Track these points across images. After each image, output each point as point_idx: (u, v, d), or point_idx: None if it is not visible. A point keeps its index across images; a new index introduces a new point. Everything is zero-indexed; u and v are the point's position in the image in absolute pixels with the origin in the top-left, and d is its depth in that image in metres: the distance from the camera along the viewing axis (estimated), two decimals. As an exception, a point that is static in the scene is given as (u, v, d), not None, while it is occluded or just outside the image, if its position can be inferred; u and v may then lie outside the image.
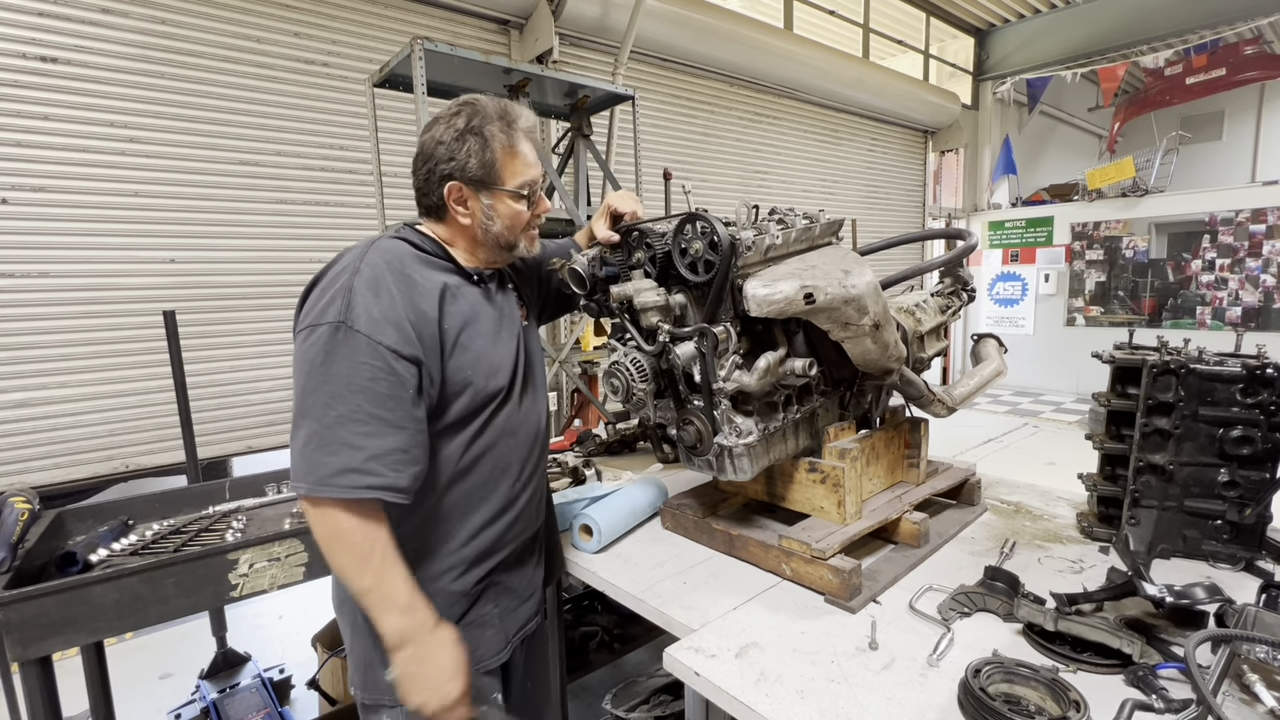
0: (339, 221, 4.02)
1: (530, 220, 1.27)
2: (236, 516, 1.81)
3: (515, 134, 1.21)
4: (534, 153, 1.25)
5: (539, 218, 1.30)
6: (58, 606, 1.29)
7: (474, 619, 1.26)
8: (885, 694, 1.05)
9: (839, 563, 1.34)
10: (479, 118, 1.18)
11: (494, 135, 1.18)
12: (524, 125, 1.23)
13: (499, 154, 1.19)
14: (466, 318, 1.20)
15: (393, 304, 1.08)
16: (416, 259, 1.19)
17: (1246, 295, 7.38)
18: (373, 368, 1.04)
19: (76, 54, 3.21)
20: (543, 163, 1.30)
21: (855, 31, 7.80)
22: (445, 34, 4.34)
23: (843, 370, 1.63)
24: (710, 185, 6.11)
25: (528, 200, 1.25)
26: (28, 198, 3.14)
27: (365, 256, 1.12)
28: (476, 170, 1.18)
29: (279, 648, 3.21)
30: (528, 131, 1.24)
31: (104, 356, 3.38)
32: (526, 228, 1.27)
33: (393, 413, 1.06)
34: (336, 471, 1.02)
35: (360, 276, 1.08)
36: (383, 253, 1.15)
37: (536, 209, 1.28)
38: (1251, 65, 8.33)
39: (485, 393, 1.21)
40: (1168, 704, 0.96)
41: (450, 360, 1.16)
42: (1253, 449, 1.35)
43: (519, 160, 1.21)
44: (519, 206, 1.24)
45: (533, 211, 1.27)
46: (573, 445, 2.59)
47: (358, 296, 1.06)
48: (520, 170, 1.22)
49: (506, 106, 1.22)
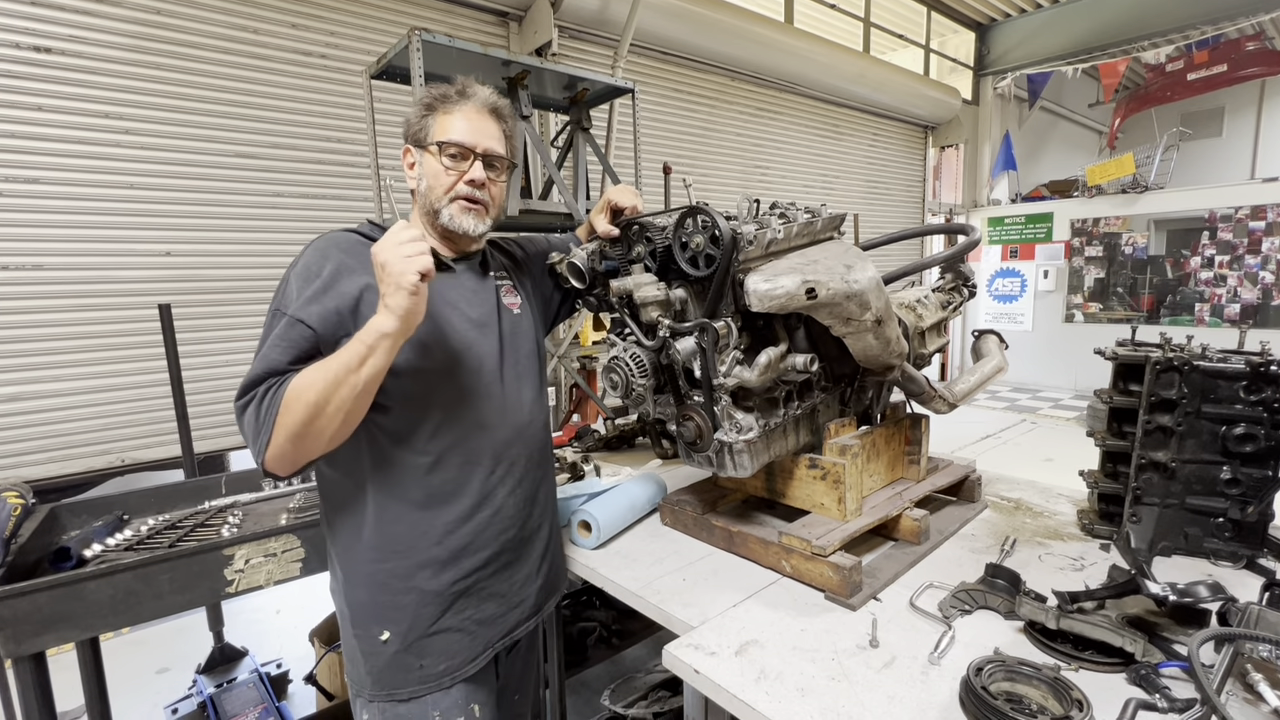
0: (336, 215, 3.98)
1: (454, 185, 1.24)
2: (233, 512, 1.80)
3: (459, 102, 1.26)
4: (476, 123, 1.25)
5: (475, 186, 1.25)
6: (51, 602, 1.28)
7: (449, 624, 1.24)
8: (886, 692, 1.05)
9: (839, 560, 1.34)
10: (437, 91, 1.27)
11: (439, 101, 1.26)
12: (476, 98, 1.27)
13: (437, 116, 1.26)
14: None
15: (317, 291, 1.14)
16: (362, 247, 1.20)
17: (1245, 292, 7.39)
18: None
19: (71, 44, 3.18)
20: (497, 143, 1.29)
21: (856, 26, 7.77)
22: (443, 25, 4.30)
23: (844, 366, 1.62)
24: (711, 180, 6.09)
25: (452, 159, 1.23)
26: (22, 189, 3.11)
27: (308, 250, 1.20)
28: (416, 130, 1.27)
29: (276, 642, 3.20)
30: (481, 104, 1.27)
31: (99, 350, 3.36)
32: (452, 194, 1.24)
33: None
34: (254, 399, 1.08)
35: (297, 268, 1.17)
36: (325, 243, 1.21)
37: (464, 174, 1.24)
38: (1253, 61, 8.30)
39: (434, 378, 1.21)
40: (1171, 703, 0.96)
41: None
42: (1256, 446, 1.34)
43: (448, 120, 1.25)
44: (437, 164, 1.24)
45: (458, 174, 1.24)
46: (571, 441, 2.58)
47: (290, 285, 1.15)
48: (445, 129, 1.24)
49: (465, 84, 1.28)
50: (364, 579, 1.22)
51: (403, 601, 1.21)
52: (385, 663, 1.21)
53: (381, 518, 1.20)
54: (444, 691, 1.23)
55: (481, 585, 1.27)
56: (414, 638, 1.21)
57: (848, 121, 7.58)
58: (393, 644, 1.20)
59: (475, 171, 1.25)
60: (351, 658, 1.25)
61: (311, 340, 1.12)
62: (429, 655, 1.22)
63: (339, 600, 1.27)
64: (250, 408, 1.07)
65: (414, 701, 1.22)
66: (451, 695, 1.24)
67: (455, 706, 1.24)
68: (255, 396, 1.07)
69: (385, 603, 1.21)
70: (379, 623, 1.21)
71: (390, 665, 1.21)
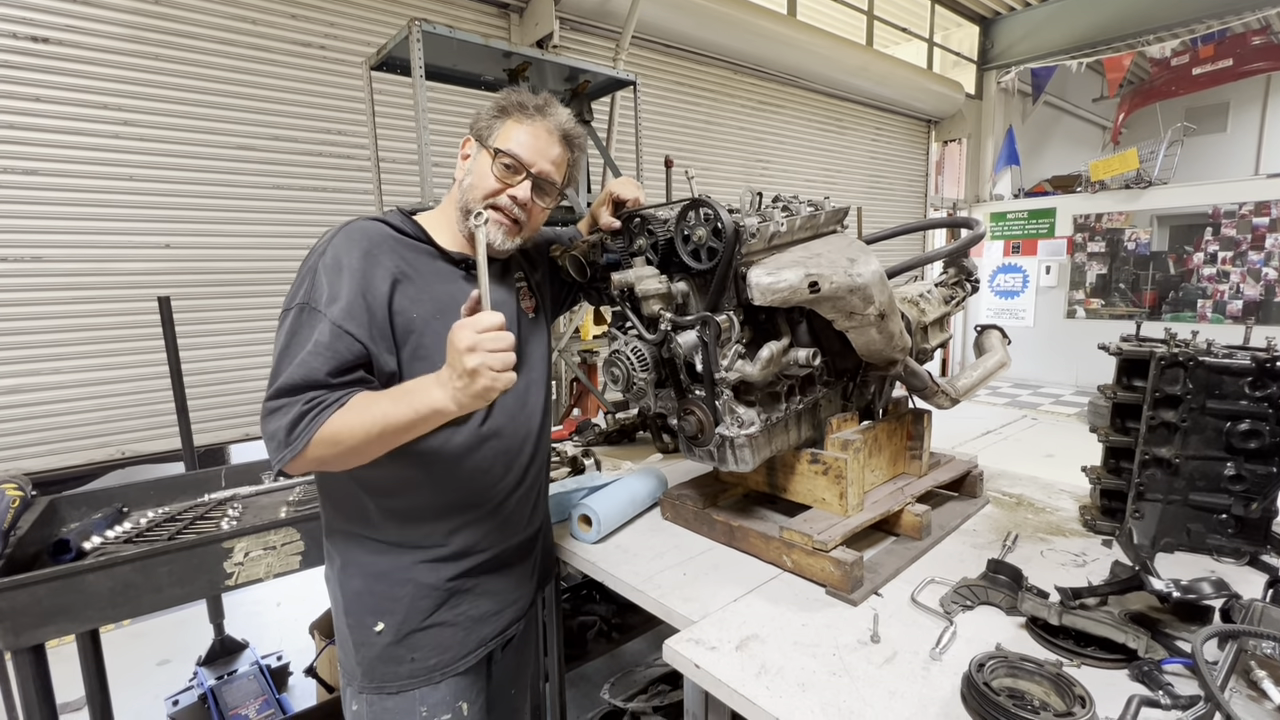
0: (336, 207, 3.97)
1: (496, 193, 1.21)
2: (232, 504, 1.79)
3: (534, 116, 1.23)
4: (541, 142, 1.23)
5: (516, 203, 1.22)
6: (50, 594, 1.27)
7: (444, 618, 1.23)
8: (887, 687, 1.04)
9: (841, 555, 1.33)
10: (518, 98, 1.25)
11: (517, 109, 1.23)
12: (550, 117, 1.25)
13: (507, 122, 1.23)
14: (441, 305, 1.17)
15: (354, 292, 1.09)
16: (393, 240, 1.18)
17: (1248, 288, 7.36)
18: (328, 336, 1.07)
19: (69, 34, 3.16)
20: (554, 167, 1.25)
21: (859, 19, 7.72)
22: (444, 17, 4.27)
23: (846, 361, 1.61)
24: (713, 173, 6.06)
25: (505, 170, 1.21)
26: (20, 180, 3.10)
27: (334, 238, 1.15)
28: (483, 127, 1.24)
29: (277, 635, 3.21)
30: (554, 126, 1.25)
31: (99, 342, 3.35)
32: (490, 201, 1.21)
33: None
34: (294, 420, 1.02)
35: (324, 258, 1.12)
36: (354, 233, 1.16)
37: (508, 186, 1.22)
38: (1258, 56, 8.24)
39: None
40: (1174, 700, 0.95)
41: (406, 348, 1.14)
42: (1260, 443, 1.34)
43: (516, 131, 1.22)
44: (487, 166, 1.21)
45: (504, 186, 1.21)
46: (572, 435, 2.57)
47: (320, 278, 1.09)
48: (509, 137, 1.22)
49: (549, 101, 1.27)
50: (361, 568, 1.21)
51: (399, 593, 1.20)
52: (377, 653, 1.20)
53: (383, 517, 1.20)
54: (432, 686, 1.23)
55: (479, 582, 1.27)
56: (408, 630, 1.21)
57: (850, 115, 7.55)
58: (386, 635, 1.20)
59: (521, 190, 1.22)
60: (344, 646, 1.25)
61: (359, 355, 1.07)
62: (421, 648, 1.22)
63: (334, 588, 1.26)
64: (283, 418, 1.01)
65: (402, 695, 1.22)
66: (440, 691, 1.24)
67: (443, 703, 1.24)
68: (292, 409, 1.01)
69: (381, 593, 1.20)
70: (373, 613, 1.20)
71: (382, 656, 1.21)
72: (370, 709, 1.23)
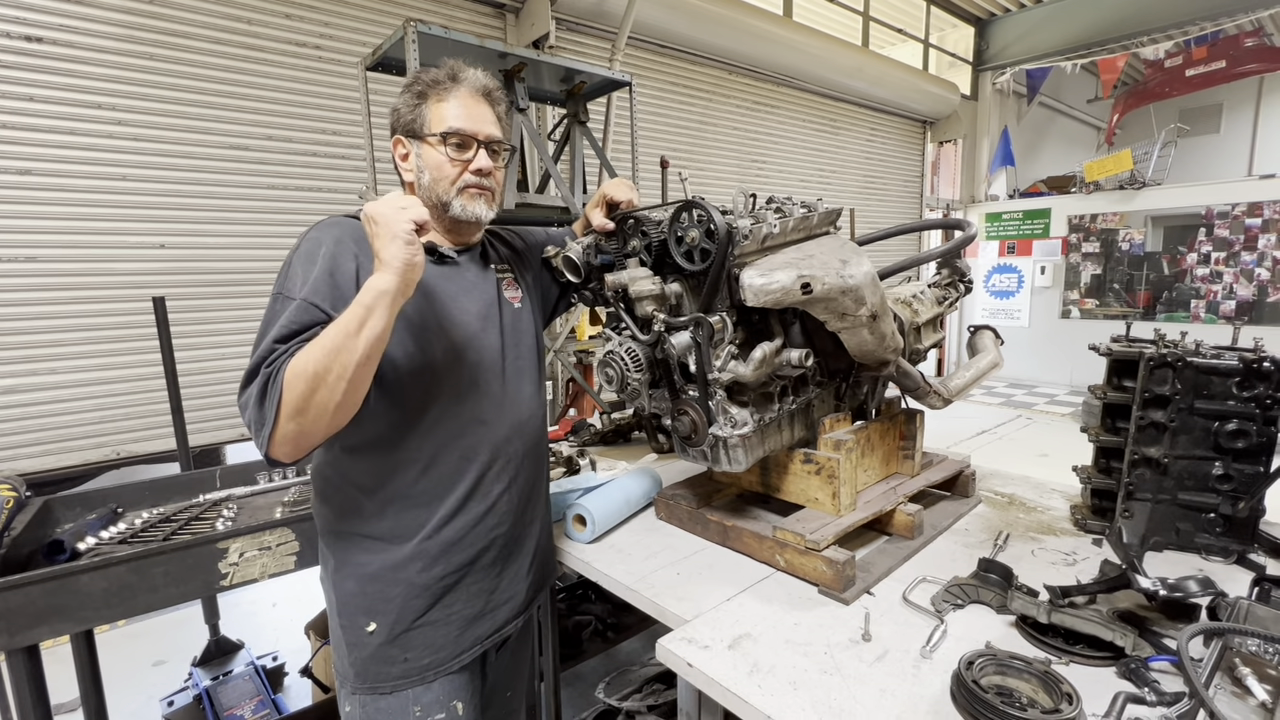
0: (331, 208, 3.96)
1: (460, 175, 1.22)
2: (227, 505, 1.79)
3: (452, 87, 1.23)
4: (473, 109, 1.23)
5: (482, 175, 1.24)
6: (44, 595, 1.27)
7: (436, 617, 1.23)
8: (878, 685, 1.05)
9: (833, 554, 1.34)
10: (427, 77, 1.24)
11: (430, 88, 1.23)
12: (469, 83, 1.24)
13: (430, 104, 1.22)
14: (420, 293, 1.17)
15: (322, 271, 1.12)
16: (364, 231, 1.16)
17: (1241, 289, 7.40)
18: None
19: (62, 33, 3.15)
20: (496, 128, 1.27)
21: (855, 19, 7.74)
22: (439, 17, 4.27)
23: (839, 361, 1.62)
24: (707, 174, 6.07)
25: (456, 149, 1.21)
26: (14, 181, 3.09)
27: (308, 234, 1.18)
28: (408, 120, 1.23)
29: (272, 635, 3.20)
30: (474, 89, 1.25)
31: (94, 343, 3.34)
32: (460, 185, 1.23)
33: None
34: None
35: (298, 252, 1.16)
36: (326, 225, 1.19)
37: (469, 164, 1.23)
38: (1251, 58, 8.29)
39: (436, 371, 1.20)
40: (1160, 696, 0.96)
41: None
42: (1247, 443, 1.35)
43: (445, 107, 1.22)
44: (439, 155, 1.22)
45: (463, 165, 1.22)
46: (567, 435, 2.58)
47: (294, 269, 1.13)
48: (445, 117, 1.21)
49: (455, 67, 1.25)
50: (355, 569, 1.21)
51: (391, 593, 1.20)
52: (370, 654, 1.21)
53: (375, 511, 1.20)
54: (425, 686, 1.23)
55: (471, 580, 1.27)
56: (400, 630, 1.21)
57: (845, 116, 7.56)
58: (378, 635, 1.20)
59: (481, 160, 1.23)
60: (338, 648, 1.26)
61: (318, 319, 1.08)
62: (414, 648, 1.22)
63: (328, 590, 1.27)
64: (253, 389, 1.02)
65: (395, 695, 1.22)
66: (433, 690, 1.24)
67: (436, 702, 1.24)
68: (256, 381, 1.02)
69: (374, 594, 1.20)
70: (366, 614, 1.20)
71: (374, 657, 1.21)
72: (364, 710, 1.23)
